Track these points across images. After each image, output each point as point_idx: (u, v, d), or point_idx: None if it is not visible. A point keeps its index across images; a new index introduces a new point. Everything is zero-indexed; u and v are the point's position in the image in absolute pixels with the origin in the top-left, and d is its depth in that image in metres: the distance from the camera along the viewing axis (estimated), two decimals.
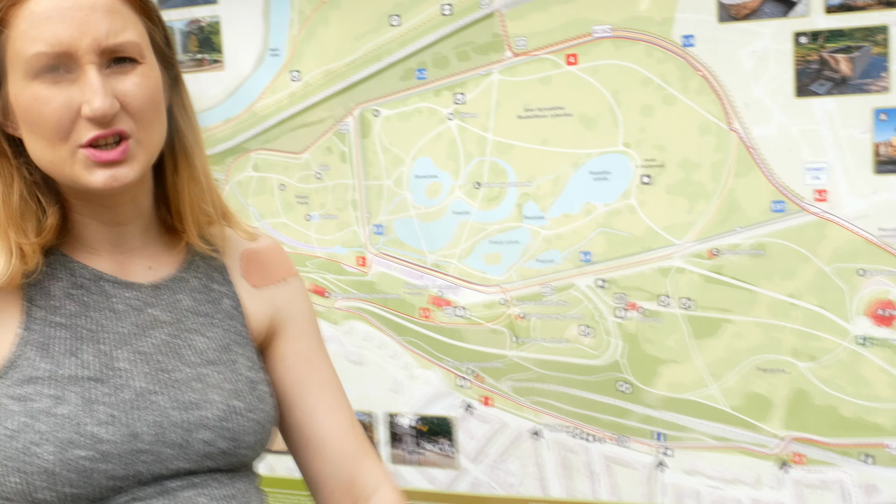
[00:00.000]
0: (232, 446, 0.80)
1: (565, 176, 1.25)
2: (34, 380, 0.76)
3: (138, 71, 0.77)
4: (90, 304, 0.81)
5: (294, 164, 1.39)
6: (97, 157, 0.74)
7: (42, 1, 0.74)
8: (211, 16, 1.41)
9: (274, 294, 0.91)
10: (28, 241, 0.79)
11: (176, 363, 0.82)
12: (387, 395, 1.38)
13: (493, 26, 1.26)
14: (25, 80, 0.75)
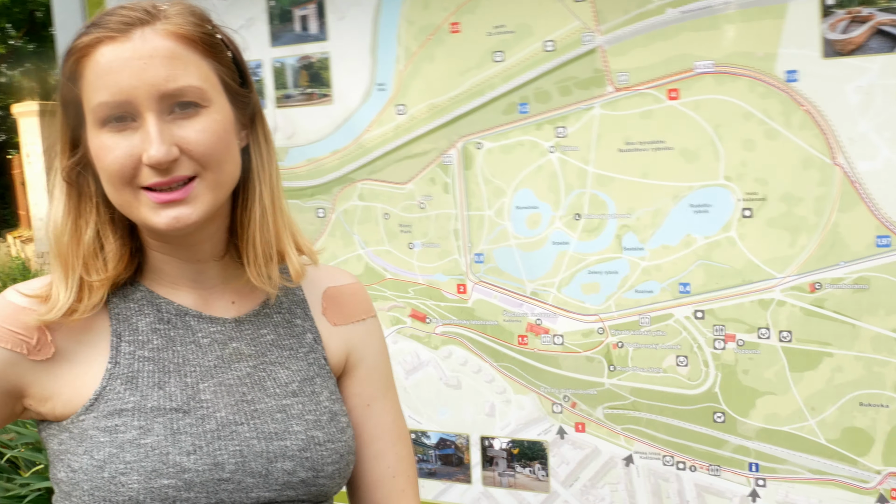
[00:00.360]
0: (312, 476, 0.86)
1: (665, 208, 1.34)
2: (121, 412, 0.82)
3: (202, 115, 0.82)
4: (175, 339, 0.88)
5: (398, 194, 1.52)
6: (158, 198, 0.80)
7: (106, 52, 0.80)
8: (321, 52, 1.55)
9: (351, 332, 0.99)
10: (95, 278, 0.85)
11: (259, 395, 0.88)
12: (482, 418, 1.49)
13: (595, 62, 1.36)
14: (95, 128, 0.82)
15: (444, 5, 1.44)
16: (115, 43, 0.80)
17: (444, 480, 1.52)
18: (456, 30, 1.44)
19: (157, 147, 0.78)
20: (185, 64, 0.81)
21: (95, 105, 0.80)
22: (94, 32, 0.81)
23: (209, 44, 0.85)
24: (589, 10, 1.36)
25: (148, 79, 0.79)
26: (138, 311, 0.88)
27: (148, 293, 0.89)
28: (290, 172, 1.58)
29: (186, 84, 0.81)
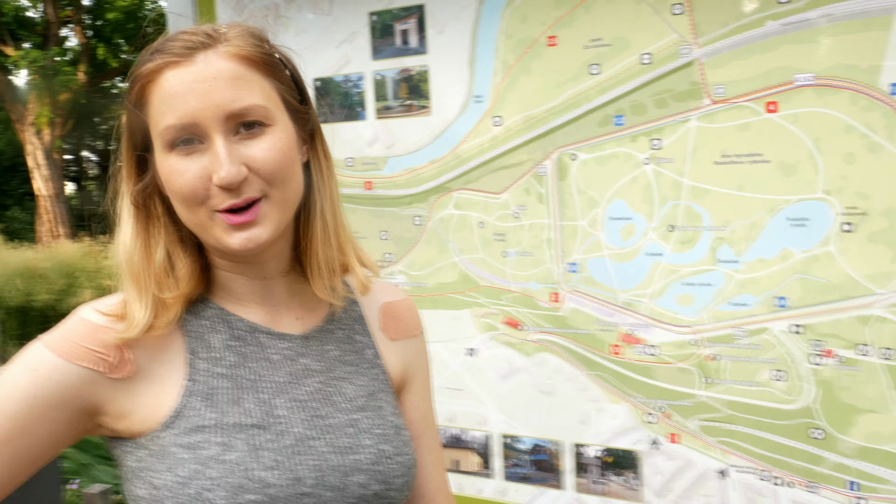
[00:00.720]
0: (383, 489, 0.92)
1: (762, 221, 1.42)
2: (202, 428, 0.87)
3: (268, 134, 0.87)
4: (248, 355, 0.93)
5: (493, 204, 1.64)
6: (231, 220, 0.85)
7: (170, 77, 0.85)
8: (420, 65, 1.68)
9: (406, 347, 1.07)
10: (168, 295, 0.90)
11: (329, 410, 0.94)
12: (574, 426, 1.59)
13: (692, 74, 1.45)
14: (163, 151, 0.87)
15: (542, 19, 1.56)
16: (178, 67, 0.85)
17: (537, 486, 1.64)
18: (553, 43, 1.55)
19: (227, 168, 0.83)
20: (248, 84, 0.86)
21: (163, 129, 0.85)
22: (157, 58, 0.86)
23: (269, 63, 0.90)
24: (687, 23, 1.46)
25: (213, 100, 0.84)
26: (211, 328, 0.93)
27: (219, 310, 0.94)
28: (388, 181, 1.74)
29: (251, 104, 0.86)
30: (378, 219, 1.78)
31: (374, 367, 1.02)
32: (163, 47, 0.87)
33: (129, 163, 0.93)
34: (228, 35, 0.88)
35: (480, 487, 1.71)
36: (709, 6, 1.44)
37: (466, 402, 1.72)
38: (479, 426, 1.72)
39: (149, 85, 0.87)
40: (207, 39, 0.86)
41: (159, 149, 0.87)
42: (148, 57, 0.88)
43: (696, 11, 1.46)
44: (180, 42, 0.86)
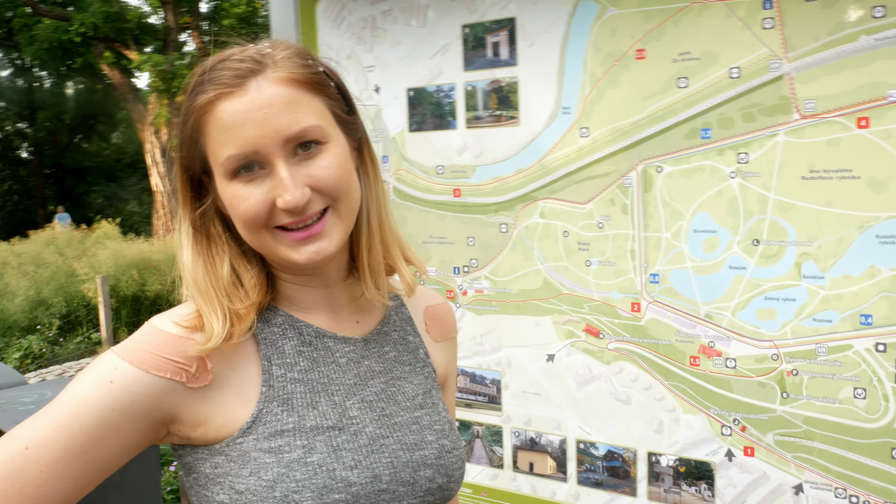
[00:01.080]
0: (446, 481, 0.97)
1: (849, 238, 1.40)
2: (283, 433, 0.88)
3: (324, 151, 0.89)
4: (318, 360, 0.96)
5: (578, 214, 1.66)
6: (296, 237, 0.88)
7: (226, 107, 0.86)
8: (510, 77, 1.72)
9: (446, 348, 1.12)
10: (240, 306, 0.91)
11: (395, 408, 0.98)
12: (650, 434, 1.60)
13: (782, 89, 1.44)
14: (225, 179, 0.89)
15: (631, 32, 1.57)
16: (232, 98, 0.86)
17: (610, 492, 1.66)
18: (641, 56, 1.57)
19: (291, 192, 0.85)
20: (301, 106, 0.88)
21: (224, 159, 0.87)
22: (210, 90, 0.87)
23: (317, 82, 0.91)
24: (777, 38, 1.45)
25: (271, 127, 0.85)
26: (282, 335, 0.95)
27: (287, 317, 0.97)
28: (476, 189, 1.78)
29: (307, 125, 0.87)
30: (465, 225, 1.83)
31: (426, 367, 1.06)
32: (213, 77, 0.88)
33: (184, 188, 0.95)
34: (275, 57, 0.90)
35: (554, 490, 1.75)
36: (801, 20, 1.44)
37: (544, 407, 1.75)
38: (556, 431, 1.74)
39: (204, 116, 0.88)
40: (256, 65, 0.88)
41: (220, 176, 0.89)
42: (200, 88, 0.89)
43: (787, 26, 1.45)
44: (229, 71, 0.88)
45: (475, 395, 1.84)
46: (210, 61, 0.91)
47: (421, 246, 1.90)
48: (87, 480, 0.86)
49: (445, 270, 1.87)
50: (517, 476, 1.80)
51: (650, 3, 1.58)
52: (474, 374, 1.84)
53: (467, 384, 1.86)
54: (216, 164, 0.89)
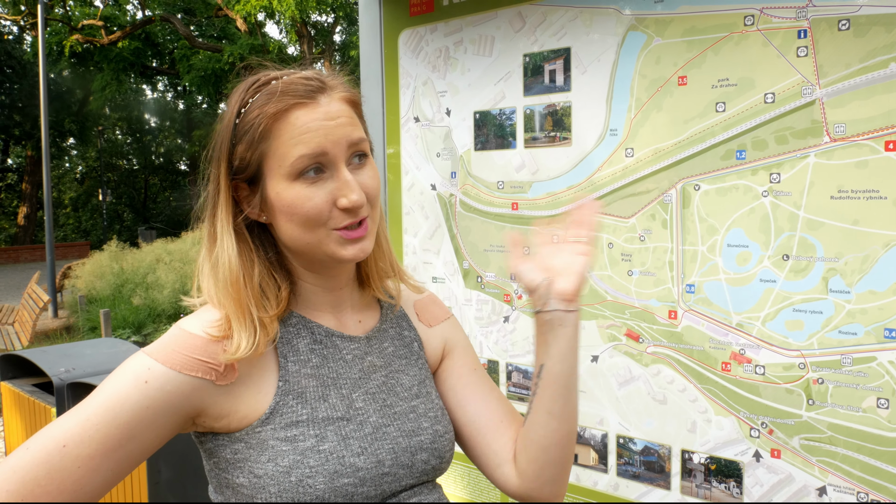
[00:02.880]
0: (439, 463, 1.03)
1: (875, 255, 1.37)
2: (297, 423, 0.93)
3: (368, 163, 0.98)
4: (328, 356, 1.01)
5: (622, 227, 1.69)
6: (350, 235, 0.95)
7: (301, 114, 0.92)
8: (564, 101, 1.77)
9: (442, 329, 1.18)
10: (268, 315, 0.95)
11: (394, 399, 1.03)
12: (684, 433, 1.61)
13: (814, 113, 1.43)
14: (287, 180, 0.93)
15: (674, 61, 1.60)
16: (306, 107, 0.93)
17: (646, 484, 1.67)
18: (683, 83, 1.59)
19: (358, 193, 0.93)
20: (356, 122, 0.97)
21: (295, 158, 0.91)
22: (285, 99, 0.92)
23: (359, 105, 1.01)
24: (811, 65, 1.45)
25: (339, 135, 0.93)
26: (296, 334, 1.00)
27: (300, 318, 1.01)
28: (531, 203, 1.83)
29: (361, 137, 0.96)
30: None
31: (420, 358, 1.12)
32: (287, 89, 0.93)
33: (227, 193, 0.97)
34: (334, 83, 0.98)
35: (595, 480, 1.79)
36: (833, 49, 1.43)
37: (588, 404, 1.79)
38: (598, 426, 1.77)
39: (277, 122, 0.92)
40: (322, 84, 0.96)
41: (281, 178, 0.93)
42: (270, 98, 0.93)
43: (820, 54, 1.46)
44: (303, 86, 0.94)
45: (528, 390, 1.91)
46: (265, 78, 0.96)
47: (482, 253, 1.98)
48: (121, 471, 0.89)
49: (503, 276, 1.95)
50: None
51: (692, 34, 1.60)
52: (527, 371, 1.91)
53: (521, 380, 1.93)
54: (282, 164, 0.92)
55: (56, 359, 3.06)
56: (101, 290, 11.08)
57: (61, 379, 2.80)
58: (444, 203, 2.03)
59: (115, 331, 9.32)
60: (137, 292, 10.41)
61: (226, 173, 0.97)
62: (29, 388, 3.20)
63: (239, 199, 0.99)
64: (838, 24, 1.42)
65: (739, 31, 1.53)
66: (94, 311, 10.06)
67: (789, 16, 1.47)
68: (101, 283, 11.19)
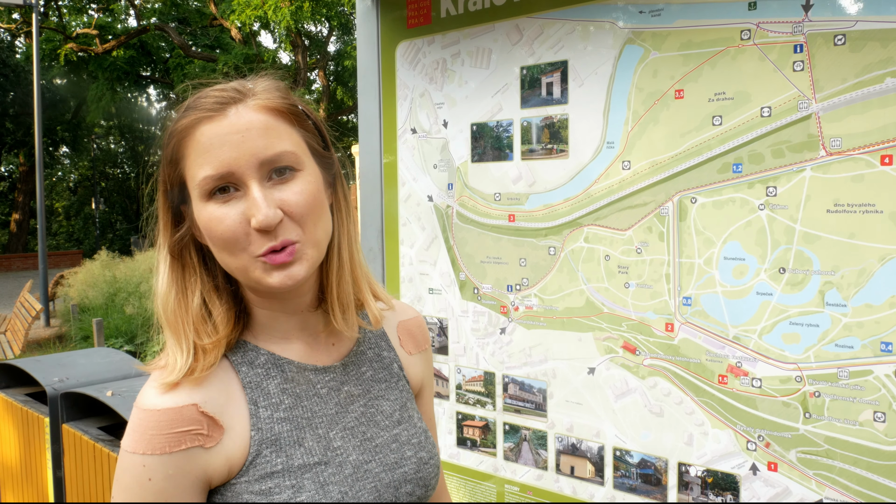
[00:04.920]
0: (424, 492, 0.97)
1: (871, 269, 1.37)
2: (272, 475, 0.87)
3: (298, 178, 0.87)
4: (301, 395, 0.93)
5: (619, 239, 1.68)
6: (272, 260, 0.85)
7: (205, 130, 0.85)
8: (561, 114, 1.76)
9: (421, 359, 1.11)
10: (207, 340, 0.89)
11: (374, 430, 0.96)
12: (680, 446, 1.60)
13: (810, 127, 1.43)
14: (201, 201, 0.86)
15: (671, 74, 1.60)
16: (212, 121, 0.85)
17: (643, 497, 1.66)
18: (680, 96, 1.59)
19: (264, 211, 0.83)
20: (277, 133, 0.86)
21: (200, 179, 0.84)
22: (191, 115, 0.86)
23: (294, 113, 0.90)
24: (807, 80, 1.45)
25: (247, 149, 0.83)
26: (266, 374, 0.92)
27: (270, 356, 0.94)
28: (528, 215, 1.83)
29: (282, 150, 0.86)
30: (518, 248, 1.90)
31: (400, 380, 1.05)
32: (195, 104, 0.87)
33: (165, 215, 0.92)
34: (255, 90, 0.89)
35: (592, 493, 1.78)
36: (829, 64, 1.44)
37: (584, 416, 1.78)
38: (595, 438, 1.76)
39: (184, 140, 0.87)
40: (237, 94, 0.88)
41: (197, 199, 0.87)
42: (182, 114, 0.88)
43: (816, 68, 1.46)
44: (212, 98, 0.87)
45: (524, 401, 1.90)
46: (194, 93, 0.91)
47: (479, 265, 1.98)
48: None
49: (500, 288, 1.94)
50: (559, 478, 1.85)
51: (689, 48, 1.61)
52: (523, 383, 1.90)
53: (517, 392, 1.92)
54: (193, 185, 0.86)
55: (50, 368, 3.03)
56: (93, 299, 11.03)
57: (55, 388, 2.77)
58: (440, 214, 2.02)
59: (108, 340, 9.27)
60: (130, 301, 10.36)
61: (162, 195, 0.92)
62: (22, 398, 3.17)
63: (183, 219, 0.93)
64: (834, 38, 1.42)
65: (736, 45, 1.54)
66: (87, 320, 10.00)
67: (785, 30, 1.47)
68: (93, 291, 11.14)
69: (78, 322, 10.47)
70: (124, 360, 3.22)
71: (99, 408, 2.76)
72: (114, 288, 11.12)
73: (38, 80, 12.82)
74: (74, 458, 2.67)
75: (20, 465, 3.17)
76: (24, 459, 3.11)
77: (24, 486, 3.16)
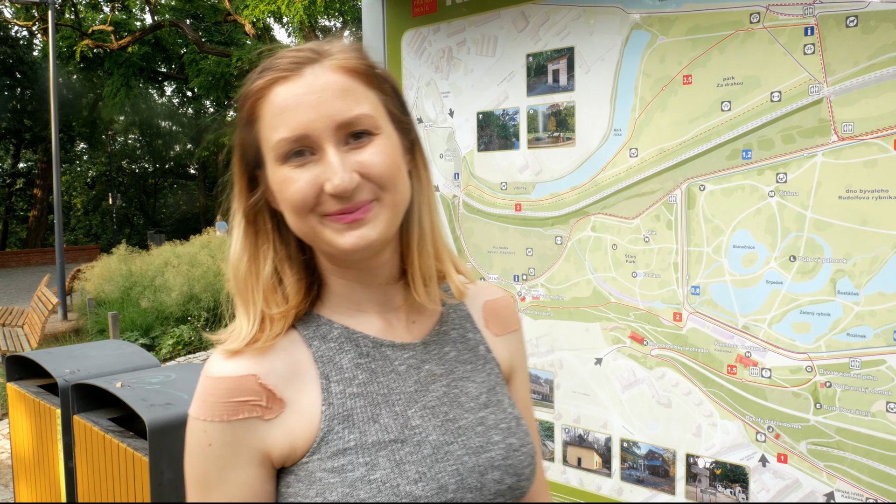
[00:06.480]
0: (515, 481, 0.88)
1: (884, 256, 1.34)
2: (345, 451, 0.82)
3: (375, 141, 0.83)
4: (377, 371, 0.88)
5: (626, 228, 1.65)
6: (343, 219, 0.81)
7: (281, 91, 0.81)
8: (568, 101, 1.73)
9: (509, 342, 1.03)
10: (275, 310, 0.86)
11: (458, 411, 0.89)
12: (689, 437, 1.57)
13: (821, 112, 1.40)
14: (276, 164, 0.83)
15: (679, 59, 1.56)
16: (287, 82, 0.81)
17: (651, 489, 1.63)
18: (688, 81, 1.55)
19: (340, 176, 0.79)
20: (355, 95, 0.82)
21: (276, 141, 0.81)
22: (267, 75, 0.83)
23: (372, 75, 0.86)
24: (818, 63, 1.41)
25: (324, 111, 0.80)
26: (339, 349, 0.88)
27: (344, 330, 0.90)
28: (535, 204, 1.80)
29: (360, 113, 0.82)
30: (525, 237, 1.87)
31: (488, 363, 0.97)
32: (271, 65, 0.84)
33: (241, 180, 0.89)
34: (332, 50, 0.85)
35: (599, 484, 1.76)
36: (841, 46, 1.40)
37: (591, 407, 1.75)
38: (602, 429, 1.74)
39: (259, 101, 0.84)
40: (313, 55, 0.84)
41: (272, 162, 0.84)
42: (257, 74, 0.84)
43: (827, 51, 1.42)
44: (287, 59, 0.83)
45: (534, 393, 1.88)
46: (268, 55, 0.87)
47: (485, 255, 1.95)
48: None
49: (506, 278, 1.92)
50: (566, 469, 1.82)
51: (697, 32, 1.57)
52: (529, 374, 1.88)
53: None
54: (268, 148, 0.83)
55: (61, 360, 3.04)
56: (109, 293, 11.11)
57: (66, 380, 2.78)
58: (447, 204, 2.00)
59: (123, 333, 9.34)
60: (146, 295, 10.43)
61: (238, 159, 0.89)
62: (35, 389, 3.19)
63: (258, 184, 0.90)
64: (846, 20, 1.39)
65: (745, 28, 1.50)
66: (103, 314, 10.08)
67: (796, 13, 1.44)
68: (109, 285, 11.22)
69: (94, 316, 10.55)
70: (135, 353, 3.23)
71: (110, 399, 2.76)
72: (129, 282, 11.20)
73: (54, 77, 12.91)
74: (85, 448, 2.67)
75: (33, 456, 3.19)
76: (37, 450, 3.13)
77: (37, 476, 3.17)
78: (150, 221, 37.47)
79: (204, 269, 10.77)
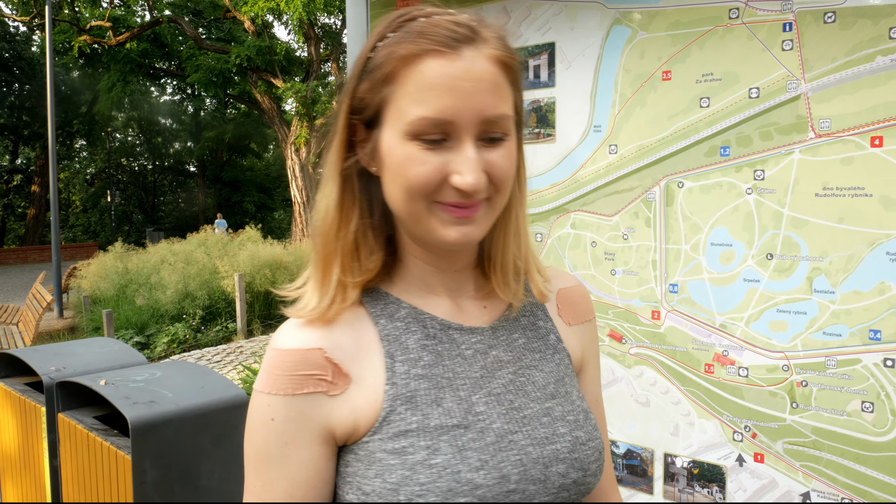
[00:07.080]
0: (581, 476, 0.85)
1: (860, 254, 1.34)
2: (407, 433, 0.80)
3: (506, 142, 0.80)
4: (443, 353, 0.86)
5: (605, 225, 1.65)
6: (456, 213, 0.79)
7: (434, 66, 0.76)
8: (548, 97, 1.73)
9: (582, 332, 0.99)
10: (350, 279, 0.84)
11: (524, 400, 0.87)
12: (666, 436, 1.57)
13: (798, 108, 1.40)
14: (402, 137, 0.78)
15: (659, 55, 1.56)
16: (443, 58, 0.76)
17: (629, 488, 1.62)
18: (667, 77, 1.55)
19: (474, 175, 0.77)
20: (503, 92, 0.80)
21: (415, 117, 0.77)
22: (420, 43, 0.77)
23: (517, 71, 0.83)
24: (796, 59, 1.41)
25: (475, 103, 0.76)
26: (405, 329, 0.86)
27: (411, 310, 0.88)
28: None
29: (503, 113, 0.79)
30: None
31: (557, 353, 0.94)
32: (426, 31, 0.78)
33: (343, 133, 0.85)
34: (487, 35, 0.80)
35: None
36: (819, 42, 1.40)
37: None
38: None
39: (405, 67, 0.78)
40: (472, 34, 0.79)
41: (397, 132, 0.79)
42: (409, 37, 0.79)
43: (805, 47, 1.42)
44: (445, 30, 0.78)
45: None
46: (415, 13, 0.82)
47: None
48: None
49: None
50: None
51: (677, 28, 1.57)
52: None
53: None
54: (398, 116, 0.79)
55: (48, 358, 3.04)
56: (105, 291, 11.12)
57: (51, 378, 2.78)
58: None
59: (118, 331, 9.35)
60: (141, 293, 10.43)
61: (346, 110, 0.84)
62: (21, 387, 3.19)
63: (355, 142, 0.86)
64: (824, 16, 1.39)
65: (724, 24, 1.50)
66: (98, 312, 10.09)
67: (775, 8, 1.44)
68: (105, 283, 11.23)
69: (89, 313, 10.56)
70: (123, 350, 3.23)
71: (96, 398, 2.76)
72: (125, 279, 11.21)
73: (51, 72, 12.91)
74: (70, 447, 2.68)
75: (19, 454, 3.19)
76: (23, 448, 3.13)
77: (22, 474, 3.18)
78: (149, 219, 37.52)
79: (199, 266, 10.78)
